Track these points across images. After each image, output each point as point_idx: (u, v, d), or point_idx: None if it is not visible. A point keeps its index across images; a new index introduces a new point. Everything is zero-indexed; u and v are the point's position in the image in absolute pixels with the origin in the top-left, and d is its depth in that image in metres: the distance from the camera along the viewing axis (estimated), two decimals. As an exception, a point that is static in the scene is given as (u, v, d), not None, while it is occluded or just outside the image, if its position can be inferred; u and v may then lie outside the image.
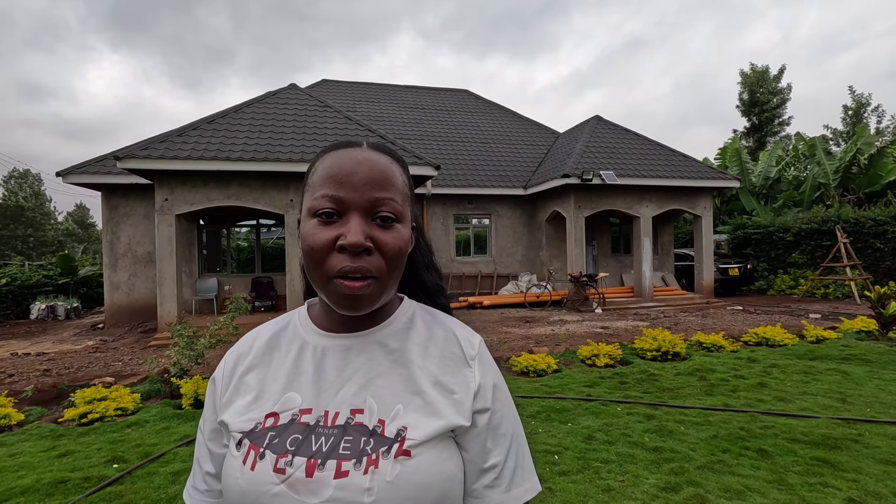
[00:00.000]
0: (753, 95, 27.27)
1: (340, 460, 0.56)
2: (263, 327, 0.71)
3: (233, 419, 0.62)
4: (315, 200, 0.60)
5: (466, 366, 0.65)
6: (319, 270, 0.59)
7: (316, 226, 0.60)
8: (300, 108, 10.39)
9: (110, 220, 10.64)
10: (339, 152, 0.63)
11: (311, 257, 0.59)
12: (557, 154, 14.09)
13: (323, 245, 0.58)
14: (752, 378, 4.93)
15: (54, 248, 36.21)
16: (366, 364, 0.63)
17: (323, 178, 0.61)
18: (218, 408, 0.65)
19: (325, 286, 0.60)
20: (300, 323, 0.69)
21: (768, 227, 15.02)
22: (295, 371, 0.64)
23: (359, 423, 0.59)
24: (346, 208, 0.59)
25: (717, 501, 2.55)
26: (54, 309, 12.20)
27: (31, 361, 6.96)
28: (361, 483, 0.55)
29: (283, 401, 0.61)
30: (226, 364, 0.68)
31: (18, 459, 3.25)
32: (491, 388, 0.65)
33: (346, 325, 0.66)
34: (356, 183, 0.60)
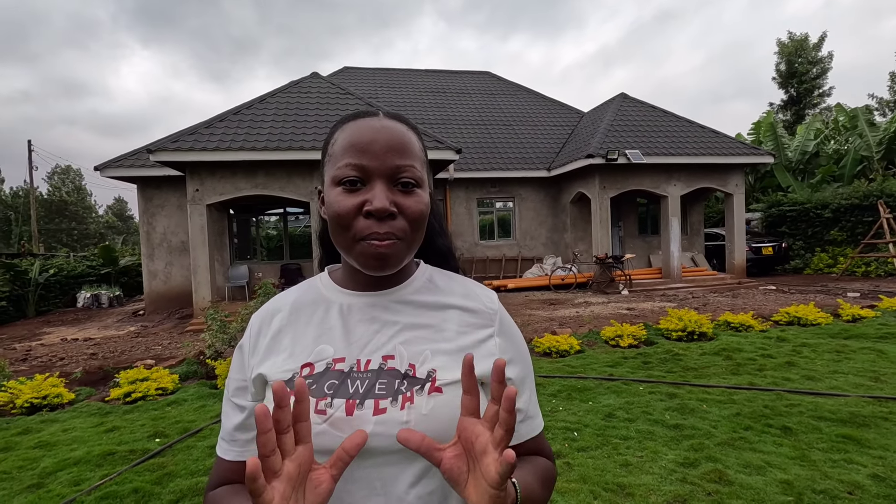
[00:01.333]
0: (791, 66, 25.98)
1: (377, 399, 0.62)
2: (286, 294, 0.75)
3: (270, 371, 0.66)
4: (339, 169, 0.64)
5: (488, 319, 0.71)
6: (347, 234, 0.63)
7: (341, 193, 0.63)
8: (322, 97, 10.50)
9: (146, 212, 11.08)
10: (358, 122, 0.66)
11: (339, 222, 0.63)
12: (581, 134, 13.83)
13: (349, 210, 0.62)
14: (781, 357, 4.83)
15: (96, 240, 37.87)
16: (392, 318, 0.68)
17: (345, 147, 0.64)
18: (247, 368, 0.69)
19: (351, 248, 0.64)
20: (323, 286, 0.74)
21: (805, 204, 14.44)
22: (324, 326, 0.68)
23: (391, 367, 0.64)
24: (369, 175, 0.63)
25: (736, 476, 2.56)
26: (98, 297, 12.85)
27: (79, 346, 7.40)
28: (399, 417, 0.60)
29: (316, 352, 0.66)
30: (251, 328, 0.71)
31: (71, 434, 3.51)
32: (512, 339, 0.72)
33: (369, 285, 0.70)
34: (377, 151, 0.63)
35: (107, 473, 2.85)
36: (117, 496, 2.57)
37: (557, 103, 17.06)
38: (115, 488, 2.65)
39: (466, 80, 18.01)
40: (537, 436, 0.72)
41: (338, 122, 0.70)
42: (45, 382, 4.30)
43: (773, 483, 2.48)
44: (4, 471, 2.94)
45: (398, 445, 0.58)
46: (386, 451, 0.60)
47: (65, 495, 2.62)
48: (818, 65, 25.84)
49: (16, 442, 3.40)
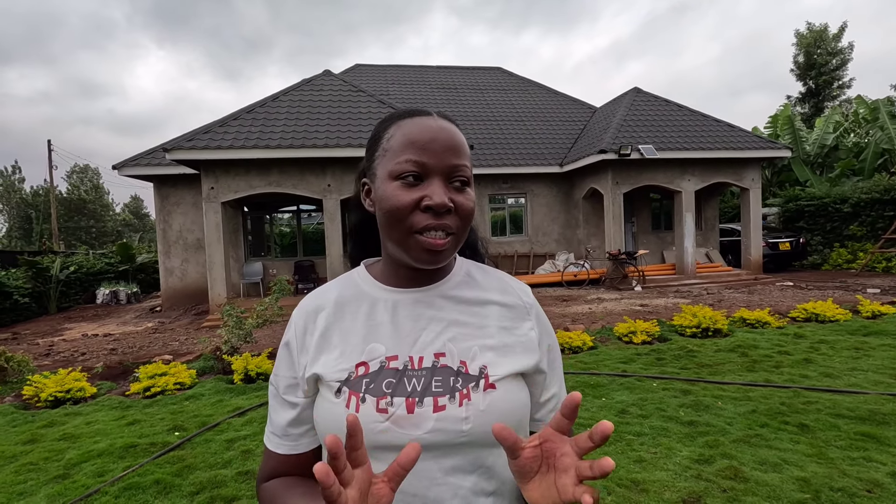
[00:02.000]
0: (810, 57, 25.45)
1: (436, 397, 0.64)
2: (326, 290, 0.76)
3: (326, 371, 0.67)
4: (398, 164, 0.65)
5: (525, 312, 0.74)
6: (402, 227, 0.65)
7: (399, 187, 0.65)
8: (334, 94, 10.56)
9: (162, 210, 11.26)
10: (416, 120, 0.68)
11: (395, 216, 0.65)
12: (594, 129, 13.72)
13: (408, 204, 0.64)
14: (798, 354, 4.77)
15: (113, 238, 38.58)
16: (438, 314, 0.70)
17: (404, 143, 0.66)
18: (297, 365, 0.70)
19: (405, 241, 0.65)
20: (362, 281, 0.74)
21: (823, 199, 14.17)
22: (371, 323, 0.70)
23: (444, 365, 0.66)
24: (427, 172, 0.65)
25: (752, 473, 2.54)
26: (117, 294, 13.11)
27: (99, 341, 7.56)
28: (458, 414, 0.63)
29: (367, 351, 0.67)
30: (295, 326, 0.72)
31: (94, 427, 3.60)
32: (546, 331, 0.75)
33: (411, 281, 0.72)
34: (437, 150, 0.65)
35: (129, 465, 2.92)
36: (139, 487, 2.64)
37: (569, 98, 16.94)
38: (138, 480, 2.72)
39: (478, 75, 17.96)
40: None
41: (388, 118, 0.72)
42: (68, 377, 4.41)
43: (789, 480, 2.46)
44: (32, 462, 3.03)
45: (457, 440, 0.62)
46: (445, 445, 0.63)
47: (89, 486, 2.69)
48: (838, 56, 25.28)
49: (42, 434, 3.50)
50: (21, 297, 10.51)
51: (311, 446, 0.72)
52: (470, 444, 0.63)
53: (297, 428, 0.72)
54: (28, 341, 7.97)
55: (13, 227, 36.77)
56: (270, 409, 0.74)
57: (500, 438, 0.55)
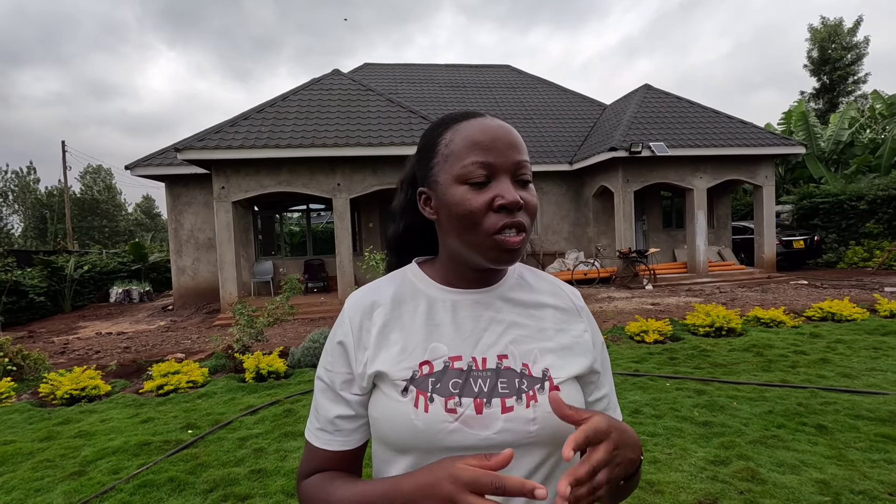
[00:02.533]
0: (824, 52, 25.03)
1: (503, 398, 0.65)
2: (379, 286, 0.75)
3: (389, 368, 0.67)
4: (464, 168, 0.65)
5: (578, 315, 0.76)
6: (477, 230, 0.65)
7: (469, 191, 0.65)
8: (344, 94, 10.58)
9: (174, 209, 11.36)
10: (472, 122, 0.68)
11: (470, 219, 0.65)
12: (604, 127, 13.62)
13: (481, 207, 0.64)
14: (814, 354, 4.69)
15: (126, 237, 39.08)
16: (496, 315, 0.71)
17: (467, 146, 0.66)
18: (355, 362, 0.69)
19: (481, 244, 0.65)
20: (418, 281, 0.74)
21: (839, 196, 13.93)
22: (431, 323, 0.69)
23: (507, 367, 0.67)
24: (495, 172, 0.65)
25: (769, 475, 2.50)
26: (130, 293, 13.27)
27: (112, 340, 7.66)
28: (526, 415, 0.64)
29: (430, 350, 0.67)
30: (350, 322, 0.71)
31: (108, 424, 3.64)
32: (597, 332, 0.78)
33: (471, 282, 0.72)
34: (502, 148, 0.66)
35: (143, 463, 2.95)
36: (154, 485, 2.66)
37: (579, 96, 16.83)
38: (152, 477, 2.74)
39: (486, 74, 17.91)
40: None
41: (440, 123, 0.72)
42: (83, 375, 4.46)
43: (808, 482, 2.41)
44: (48, 459, 3.07)
45: (525, 441, 0.64)
46: (512, 445, 0.63)
47: (105, 483, 2.72)
48: (853, 50, 24.83)
49: (58, 431, 3.55)
50: (37, 295, 10.67)
51: (361, 442, 0.72)
52: (537, 445, 0.65)
53: (351, 423, 0.71)
54: (44, 339, 8.09)
55: (29, 227, 37.38)
56: (318, 406, 0.73)
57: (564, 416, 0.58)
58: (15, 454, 3.16)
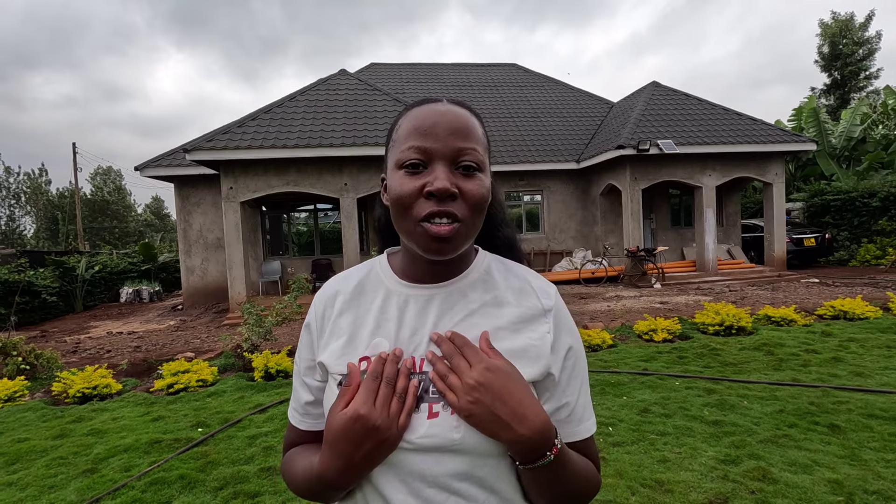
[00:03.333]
0: (835, 48, 24.72)
1: (431, 403, 0.63)
2: (348, 274, 0.76)
3: (330, 361, 0.68)
4: (402, 153, 0.64)
5: (542, 317, 0.69)
6: (407, 216, 0.63)
7: (403, 176, 0.63)
8: (350, 93, 10.61)
9: (183, 210, 11.45)
10: (422, 107, 0.67)
11: (401, 204, 0.63)
12: (611, 125, 13.54)
13: (411, 192, 0.62)
14: (826, 353, 4.64)
15: (136, 238, 39.43)
16: (447, 314, 0.68)
17: (408, 131, 0.65)
18: (315, 348, 0.72)
19: (412, 231, 0.63)
20: (382, 272, 0.74)
21: (850, 193, 13.76)
22: (382, 317, 0.69)
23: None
24: (431, 158, 0.63)
25: (781, 475, 2.47)
26: (140, 293, 13.40)
27: (123, 339, 7.73)
28: (450, 422, 0.62)
29: (372, 345, 0.67)
30: (315, 309, 0.74)
31: (120, 422, 3.68)
32: (567, 335, 0.71)
33: (427, 275, 0.70)
34: (440, 133, 0.63)
35: (154, 460, 2.98)
36: (165, 482, 2.69)
37: (586, 94, 16.75)
38: (163, 475, 2.76)
39: (493, 72, 17.87)
40: (587, 440, 0.71)
41: (402, 109, 0.72)
42: (94, 374, 4.51)
43: (820, 482, 2.39)
44: (62, 456, 3.11)
45: (446, 446, 0.62)
46: (437, 449, 0.62)
47: (117, 480, 2.75)
48: (864, 45, 24.49)
49: (70, 429, 3.59)
50: (49, 295, 10.80)
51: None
52: (462, 453, 0.62)
53: (316, 408, 0.74)
54: (56, 339, 8.19)
55: (41, 228, 37.84)
56: (294, 389, 0.77)
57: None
58: (29, 451, 3.21)
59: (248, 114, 10.01)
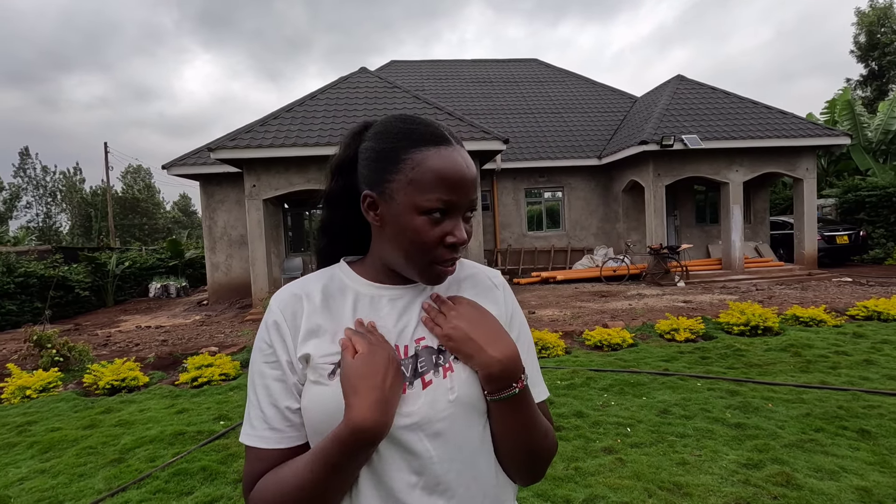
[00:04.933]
0: (872, 37, 23.75)
1: (422, 376, 0.69)
2: (308, 280, 0.77)
3: (317, 353, 0.69)
4: (428, 202, 0.67)
5: (494, 294, 0.79)
6: (424, 258, 0.70)
7: (427, 223, 0.68)
8: (370, 91, 10.66)
9: (208, 207, 11.72)
10: (444, 153, 0.69)
11: (420, 248, 0.69)
12: (634, 120, 13.30)
13: (434, 241, 0.69)
14: (858, 355, 4.47)
15: (164, 235, 40.54)
16: (416, 306, 0.75)
17: (435, 180, 0.67)
18: (291, 347, 0.70)
19: (424, 268, 0.71)
20: (347, 278, 0.77)
21: (887, 188, 13.22)
22: (358, 314, 0.73)
23: (425, 346, 0.71)
24: (452, 209, 0.69)
25: (806, 480, 2.40)
26: (167, 288, 13.78)
27: (151, 333, 7.97)
28: (445, 384, 0.68)
29: None
30: (281, 310, 0.72)
31: (146, 414, 3.80)
32: (514, 310, 0.80)
33: (396, 279, 0.76)
34: (465, 189, 0.69)
35: (178, 452, 3.06)
36: (187, 473, 2.76)
37: (609, 88, 16.48)
38: (186, 466, 2.84)
39: (513, 68, 17.73)
40: (540, 403, 0.78)
41: (404, 136, 0.70)
42: (123, 366, 4.67)
43: (847, 489, 2.31)
44: (91, 446, 3.23)
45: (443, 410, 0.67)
46: (437, 417, 0.67)
47: (142, 470, 2.84)
48: (904, 34, 23.44)
49: (100, 420, 3.72)
50: (82, 290, 11.20)
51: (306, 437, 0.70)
52: (458, 416, 0.68)
53: (299, 416, 0.70)
54: (88, 332, 8.50)
55: (75, 225, 39.26)
56: (261, 404, 0.70)
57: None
58: (61, 441, 3.34)
59: (271, 112, 10.17)
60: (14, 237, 23.03)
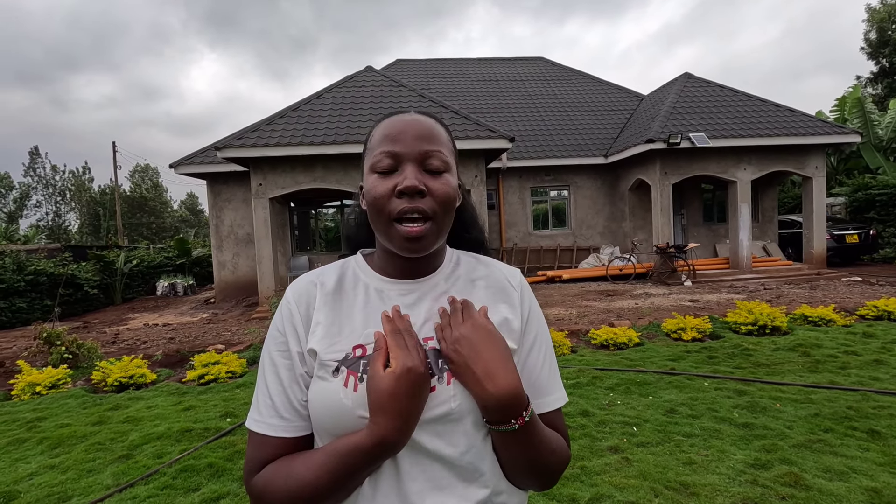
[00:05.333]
0: (883, 33, 23.43)
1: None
2: (323, 271, 0.78)
3: (322, 349, 0.69)
4: (374, 158, 0.70)
5: (509, 296, 0.77)
6: (382, 216, 0.68)
7: (377, 179, 0.69)
8: (376, 90, 10.67)
9: (214, 206, 11.78)
10: (391, 118, 0.73)
11: (375, 205, 0.69)
12: (641, 118, 13.22)
13: (384, 193, 0.68)
14: (867, 355, 4.43)
15: (172, 233, 40.83)
16: (427, 303, 0.73)
17: (379, 139, 0.71)
18: (303, 338, 0.71)
19: (387, 230, 0.69)
20: (360, 270, 0.77)
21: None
22: (368, 310, 0.72)
23: (432, 347, 0.70)
24: (400, 161, 0.69)
25: (814, 481, 2.38)
26: (175, 286, 13.87)
27: (159, 331, 8.03)
28: (447, 392, 0.67)
29: (365, 335, 0.70)
30: (297, 300, 0.73)
31: (153, 411, 3.83)
32: (531, 313, 0.78)
33: (405, 272, 0.75)
34: (407, 139, 0.69)
35: (185, 448, 3.08)
36: (194, 470, 2.78)
37: (615, 87, 16.39)
38: (193, 462, 2.86)
39: (519, 66, 17.68)
40: (554, 412, 0.76)
41: (378, 119, 0.76)
42: (131, 364, 4.70)
43: (857, 490, 2.28)
44: (99, 442, 3.25)
45: (445, 417, 0.66)
46: (436, 423, 0.66)
47: (149, 466, 2.86)
48: (916, 31, 23.12)
49: (108, 416, 3.75)
50: (91, 288, 11.31)
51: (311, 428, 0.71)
52: (461, 422, 0.67)
53: (307, 406, 0.70)
54: (97, 330, 8.57)
55: (84, 224, 39.63)
56: (270, 392, 0.70)
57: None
58: (70, 437, 3.37)
59: (277, 111, 10.20)
60: (24, 236, 23.27)
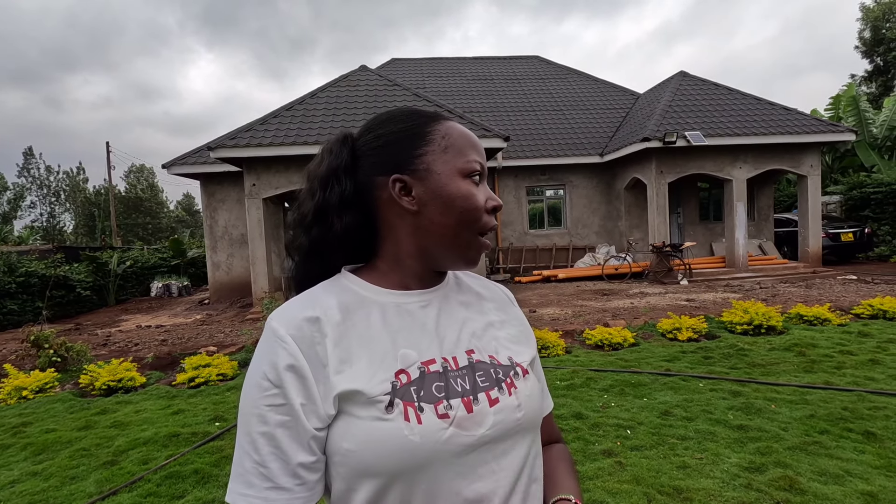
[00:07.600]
0: (877, 32, 23.53)
1: (486, 391, 0.64)
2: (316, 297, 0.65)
3: (364, 385, 0.59)
4: (468, 164, 0.66)
5: (511, 305, 0.79)
6: (474, 227, 0.66)
7: (473, 186, 0.66)
8: (370, 89, 10.61)
9: (208, 206, 11.70)
10: (457, 125, 0.69)
11: (473, 216, 0.65)
12: (637, 116, 13.20)
13: (483, 205, 0.66)
14: (863, 354, 4.40)
15: (167, 234, 40.63)
16: (449, 314, 0.69)
17: (467, 143, 0.67)
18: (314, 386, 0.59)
19: (469, 241, 0.66)
20: (359, 288, 0.67)
21: (893, 185, 13.09)
22: (391, 330, 0.64)
23: (478, 360, 0.66)
24: (482, 176, 0.68)
25: (809, 485, 2.34)
26: (169, 287, 13.78)
27: (151, 332, 7.96)
28: (512, 402, 0.65)
29: (400, 357, 0.62)
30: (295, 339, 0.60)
31: (142, 415, 3.77)
32: (526, 324, 0.80)
33: (417, 283, 0.70)
34: (483, 154, 0.70)
35: (171, 454, 3.03)
36: (180, 476, 2.73)
37: (611, 85, 16.37)
38: (178, 468, 2.80)
39: (515, 65, 17.64)
40: (548, 415, 0.80)
41: (426, 115, 0.70)
42: (120, 367, 4.64)
43: (852, 494, 2.25)
44: (84, 447, 3.19)
45: (512, 429, 0.64)
46: (505, 437, 0.64)
47: (134, 473, 2.81)
48: (910, 29, 23.21)
49: (95, 421, 3.69)
50: (83, 290, 11.20)
51: (321, 495, 0.61)
52: (522, 432, 0.66)
53: (313, 473, 0.59)
54: (89, 332, 8.49)
55: (79, 225, 39.40)
56: (262, 457, 0.58)
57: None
58: (55, 442, 3.31)
59: (271, 111, 10.12)
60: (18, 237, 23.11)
